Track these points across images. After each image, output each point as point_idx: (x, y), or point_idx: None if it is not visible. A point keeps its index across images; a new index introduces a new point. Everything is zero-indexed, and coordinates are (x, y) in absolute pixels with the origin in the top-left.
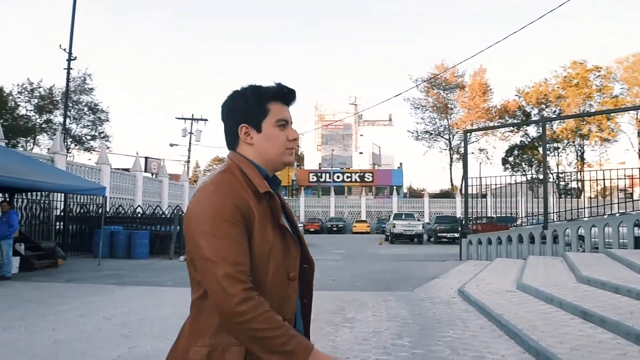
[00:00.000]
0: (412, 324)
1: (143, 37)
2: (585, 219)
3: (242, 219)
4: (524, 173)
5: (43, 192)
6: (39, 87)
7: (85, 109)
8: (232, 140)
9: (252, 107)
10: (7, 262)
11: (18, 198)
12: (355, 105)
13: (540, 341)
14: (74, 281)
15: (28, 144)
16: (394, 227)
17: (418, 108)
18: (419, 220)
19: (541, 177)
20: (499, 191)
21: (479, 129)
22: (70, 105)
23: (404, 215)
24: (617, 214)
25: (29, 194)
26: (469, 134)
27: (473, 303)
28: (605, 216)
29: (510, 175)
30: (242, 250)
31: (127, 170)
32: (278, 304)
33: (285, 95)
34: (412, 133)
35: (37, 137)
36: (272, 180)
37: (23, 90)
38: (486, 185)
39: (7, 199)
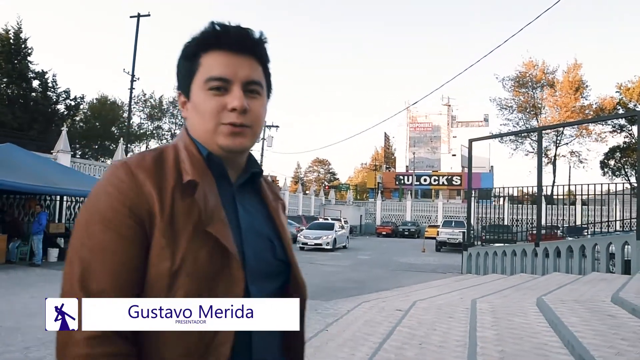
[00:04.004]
0: None
1: None
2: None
3: (133, 223)
4: (627, 178)
5: None
6: (151, 98)
7: None
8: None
9: (181, 65)
10: (37, 253)
11: (80, 201)
12: (449, 106)
13: None
14: None
15: (136, 148)
16: (438, 234)
17: (505, 108)
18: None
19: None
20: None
21: (483, 138)
22: (176, 112)
23: (453, 223)
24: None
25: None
26: (473, 142)
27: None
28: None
29: (545, 185)
30: (114, 270)
31: None
32: (191, 356)
33: (220, 37)
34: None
35: (149, 142)
36: (250, 164)
37: (138, 101)
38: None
39: (40, 203)
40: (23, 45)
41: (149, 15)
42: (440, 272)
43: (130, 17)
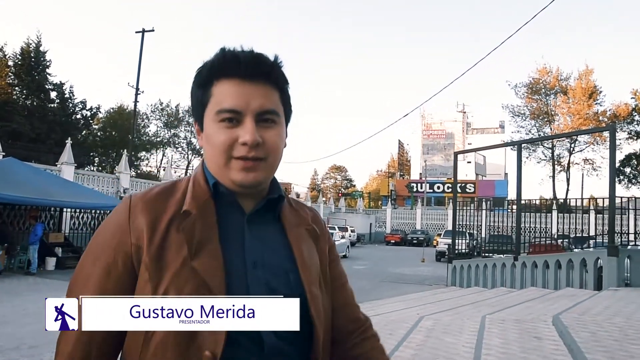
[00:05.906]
0: None
1: None
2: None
3: (119, 259)
4: None
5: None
6: (167, 107)
7: None
8: None
9: (194, 93)
10: (33, 262)
11: (83, 214)
12: (464, 112)
13: None
14: None
15: (152, 157)
16: (437, 244)
17: (518, 115)
18: (469, 238)
19: None
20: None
21: (467, 151)
22: (191, 121)
23: None
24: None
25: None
26: (459, 155)
27: None
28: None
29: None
30: None
31: None
32: None
33: (230, 65)
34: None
35: (166, 149)
36: (270, 190)
37: (155, 110)
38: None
39: (35, 216)
40: (42, 58)
41: (152, 30)
42: (427, 284)
43: (136, 32)
